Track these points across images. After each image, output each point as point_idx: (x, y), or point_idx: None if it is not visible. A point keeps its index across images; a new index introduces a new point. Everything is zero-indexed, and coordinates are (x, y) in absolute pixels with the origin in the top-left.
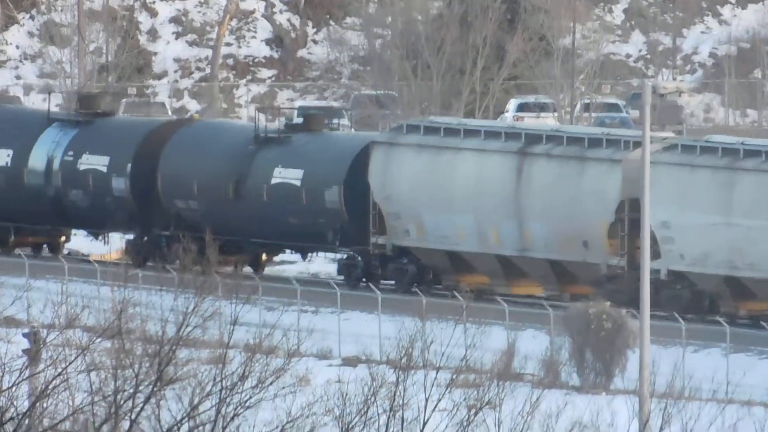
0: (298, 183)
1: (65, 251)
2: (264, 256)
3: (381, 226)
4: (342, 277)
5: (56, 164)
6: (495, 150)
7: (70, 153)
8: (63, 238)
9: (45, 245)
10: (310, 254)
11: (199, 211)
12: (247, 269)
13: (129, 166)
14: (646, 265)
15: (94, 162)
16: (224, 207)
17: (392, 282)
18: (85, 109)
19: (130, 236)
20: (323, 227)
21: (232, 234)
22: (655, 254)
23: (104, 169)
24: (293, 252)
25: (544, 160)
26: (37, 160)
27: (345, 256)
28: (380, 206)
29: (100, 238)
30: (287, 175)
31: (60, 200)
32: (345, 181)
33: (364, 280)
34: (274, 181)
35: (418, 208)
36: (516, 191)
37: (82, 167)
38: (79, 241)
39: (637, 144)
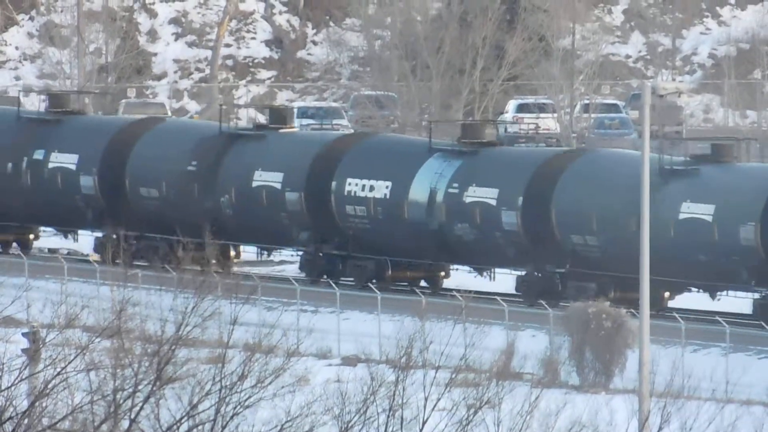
0: (709, 219)
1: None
2: (666, 294)
3: None
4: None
5: (440, 196)
6: None
7: (455, 185)
8: (442, 273)
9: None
10: (718, 293)
11: (598, 247)
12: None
13: (520, 199)
14: (646, 263)
15: (481, 194)
16: (626, 243)
17: None
18: (469, 139)
19: (520, 272)
20: (736, 265)
21: (631, 271)
22: None
23: (493, 202)
24: (699, 291)
25: None
26: (418, 192)
27: (760, 295)
28: None
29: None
30: (696, 210)
31: (444, 234)
32: (762, 217)
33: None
34: (681, 216)
35: None
36: None
37: (468, 200)
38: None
39: None
